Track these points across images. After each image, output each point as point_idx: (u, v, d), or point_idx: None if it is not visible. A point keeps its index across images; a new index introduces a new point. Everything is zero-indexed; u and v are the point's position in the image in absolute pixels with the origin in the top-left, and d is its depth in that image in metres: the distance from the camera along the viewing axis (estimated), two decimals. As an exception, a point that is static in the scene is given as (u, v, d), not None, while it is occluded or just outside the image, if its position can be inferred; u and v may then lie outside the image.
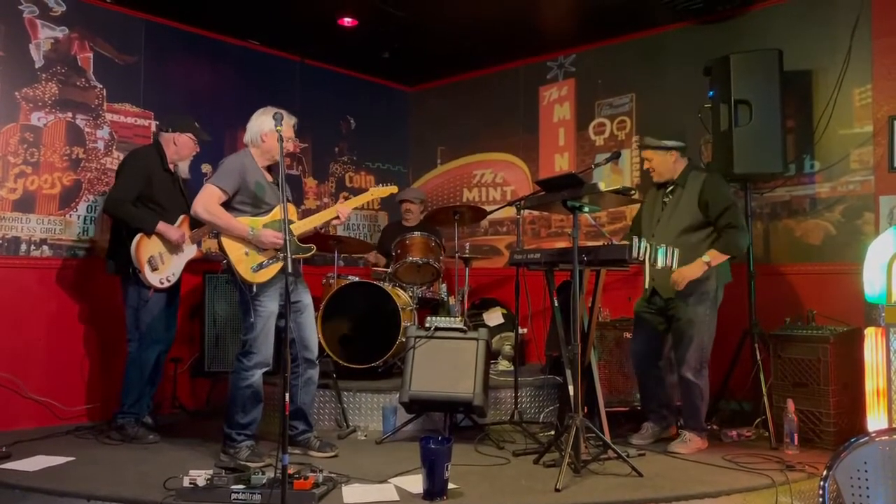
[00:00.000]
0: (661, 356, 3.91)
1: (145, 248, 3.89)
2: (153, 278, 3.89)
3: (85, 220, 4.55)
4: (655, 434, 3.85)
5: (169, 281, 3.96)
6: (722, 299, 3.73)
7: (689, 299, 3.65)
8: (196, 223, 3.98)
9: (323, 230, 3.77)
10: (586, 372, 3.51)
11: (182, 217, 4.05)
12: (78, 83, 4.61)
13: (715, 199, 3.65)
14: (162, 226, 3.92)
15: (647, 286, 3.60)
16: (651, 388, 3.90)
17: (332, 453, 3.56)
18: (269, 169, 3.59)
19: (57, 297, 4.40)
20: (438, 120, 6.46)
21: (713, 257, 3.56)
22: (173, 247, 3.97)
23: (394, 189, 3.94)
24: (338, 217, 3.63)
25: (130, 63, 4.85)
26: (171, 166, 4.10)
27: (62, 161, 4.52)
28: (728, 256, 3.61)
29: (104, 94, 4.72)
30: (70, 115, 4.57)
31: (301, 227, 3.60)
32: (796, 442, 3.60)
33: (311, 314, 3.60)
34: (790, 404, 3.66)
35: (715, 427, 4.01)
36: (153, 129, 4.87)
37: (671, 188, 3.82)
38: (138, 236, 3.87)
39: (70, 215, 4.51)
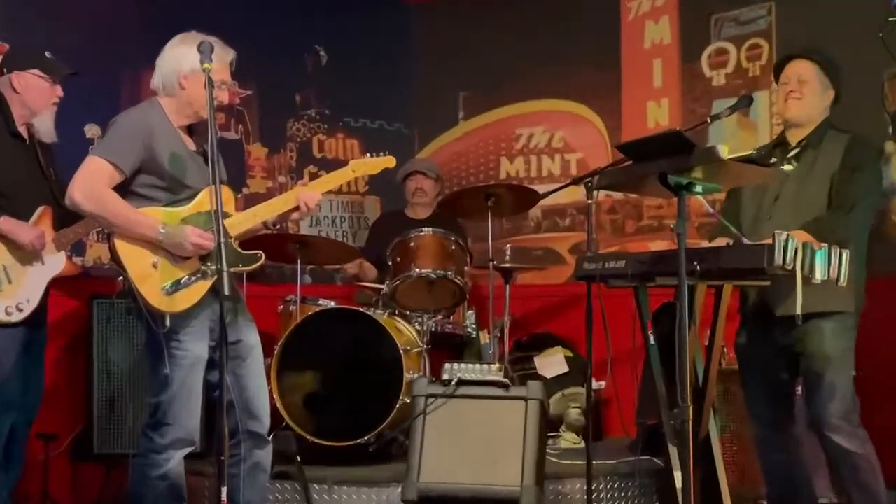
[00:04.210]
0: (795, 417, 3.76)
1: None
2: None
3: None
4: None
5: (20, 311, 3.77)
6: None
7: (826, 324, 3.46)
8: (68, 218, 3.83)
9: (277, 227, 3.76)
10: (703, 450, 3.31)
11: (41, 209, 3.84)
12: None
13: (858, 170, 3.59)
14: (4, 223, 3.74)
15: (798, 312, 3.50)
16: (784, 472, 3.77)
17: None
18: (192, 131, 3.40)
19: None
20: (459, 50, 6.07)
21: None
22: (26, 256, 3.80)
23: (390, 161, 3.75)
24: (298, 208, 3.52)
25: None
26: (20, 128, 3.88)
27: None
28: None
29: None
30: None
31: (242, 223, 3.39)
32: None
33: (258, 361, 3.45)
34: None
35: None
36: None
37: (796, 151, 3.74)
38: None
39: None
